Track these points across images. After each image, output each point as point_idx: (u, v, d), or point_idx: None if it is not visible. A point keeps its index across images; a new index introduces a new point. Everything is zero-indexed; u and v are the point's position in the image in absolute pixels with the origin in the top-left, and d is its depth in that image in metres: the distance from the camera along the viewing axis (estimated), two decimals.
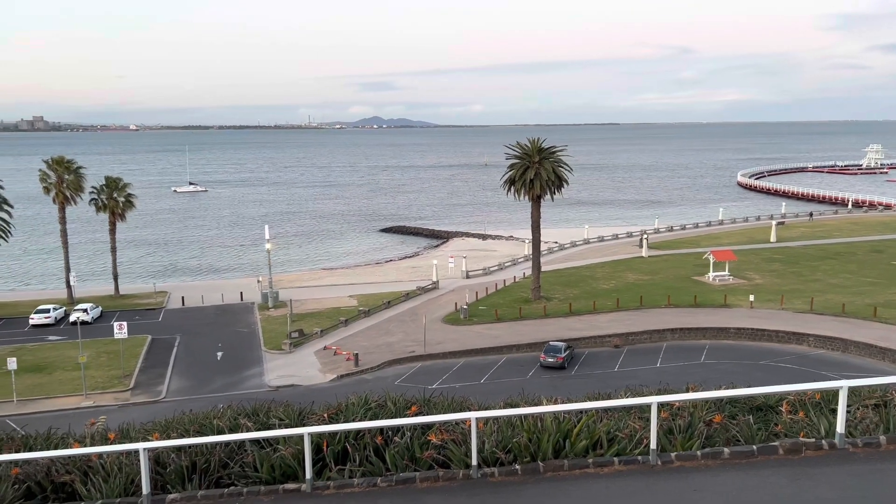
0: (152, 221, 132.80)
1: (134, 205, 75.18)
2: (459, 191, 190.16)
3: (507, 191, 68.48)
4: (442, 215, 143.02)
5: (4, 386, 46.03)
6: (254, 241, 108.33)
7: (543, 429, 10.04)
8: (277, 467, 10.60)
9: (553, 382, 46.04)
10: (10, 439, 13.27)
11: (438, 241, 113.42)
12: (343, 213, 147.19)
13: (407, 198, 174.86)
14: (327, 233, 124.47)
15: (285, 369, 51.47)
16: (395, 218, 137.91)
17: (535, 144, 66.48)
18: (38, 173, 71.99)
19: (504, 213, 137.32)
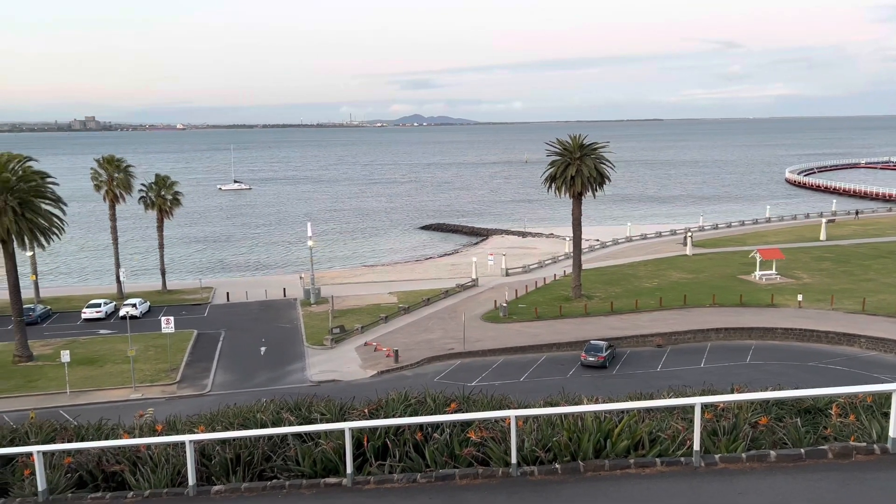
0: (198, 219, 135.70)
1: (181, 202, 76.91)
2: (499, 188, 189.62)
3: (547, 188, 68.04)
4: (482, 213, 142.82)
5: (58, 378, 47.63)
6: (297, 239, 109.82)
7: (584, 428, 9.95)
8: (319, 461, 10.74)
9: (594, 382, 45.60)
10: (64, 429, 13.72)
11: (478, 239, 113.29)
12: (384, 211, 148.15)
13: (447, 195, 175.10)
14: (368, 230, 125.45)
15: (326, 365, 52.08)
16: (436, 215, 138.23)
17: (577, 141, 65.87)
18: (90, 172, 74.23)
19: (544, 211, 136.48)
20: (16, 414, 36.56)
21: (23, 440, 13.06)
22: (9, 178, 50.38)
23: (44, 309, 66.22)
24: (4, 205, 49.30)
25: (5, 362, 51.96)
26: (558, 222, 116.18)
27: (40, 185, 52.97)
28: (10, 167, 51.20)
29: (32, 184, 52.18)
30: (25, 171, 52.23)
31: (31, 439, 13.03)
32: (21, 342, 52.25)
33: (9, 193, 49.81)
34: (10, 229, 49.49)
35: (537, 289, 71.98)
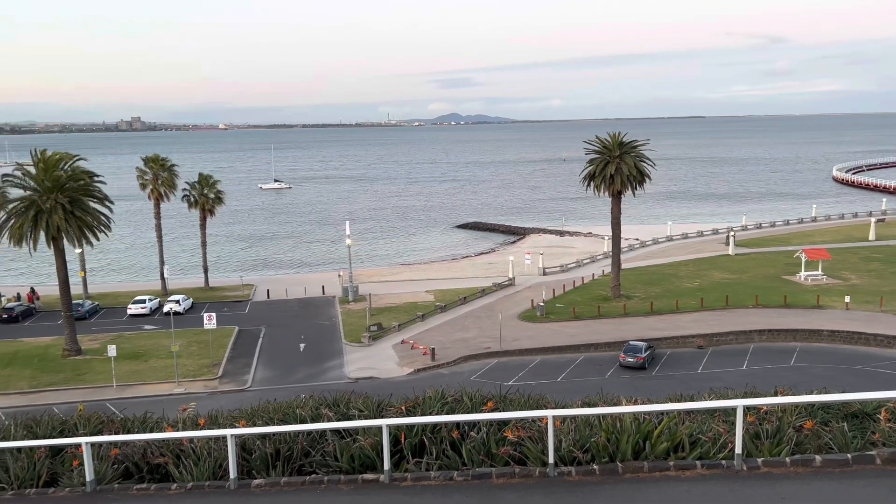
0: (240, 217, 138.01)
1: (223, 201, 78.30)
2: (537, 187, 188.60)
3: (586, 186, 67.43)
4: (519, 211, 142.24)
5: (105, 372, 48.98)
6: (335, 237, 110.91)
7: (623, 429, 9.85)
8: (357, 457, 10.84)
9: (633, 383, 45.08)
10: (111, 421, 14.11)
11: (515, 238, 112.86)
12: (422, 210, 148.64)
13: (485, 194, 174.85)
14: (406, 229, 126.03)
15: (364, 362, 52.52)
16: (473, 214, 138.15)
17: (616, 139, 65.14)
18: (136, 171, 76.09)
19: (583, 209, 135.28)
20: (65, 406, 37.69)
21: (72, 432, 13.46)
22: (59, 176, 51.96)
23: (92, 304, 68.14)
24: (55, 203, 50.86)
25: (55, 356, 53.64)
26: (597, 221, 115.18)
27: (89, 184, 54.48)
28: (60, 166, 52.79)
29: (81, 182, 53.70)
30: (75, 171, 53.79)
31: (80, 431, 13.42)
32: (70, 336, 53.86)
33: (59, 192, 51.37)
34: (60, 227, 51.03)
35: (575, 288, 71.41)
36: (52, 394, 46.51)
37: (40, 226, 50.98)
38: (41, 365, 51.97)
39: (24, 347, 56.31)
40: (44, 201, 50.86)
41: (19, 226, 51.15)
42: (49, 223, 50.77)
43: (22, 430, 13.69)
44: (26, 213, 51.16)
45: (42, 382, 48.71)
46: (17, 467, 12.38)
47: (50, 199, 50.82)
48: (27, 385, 48.30)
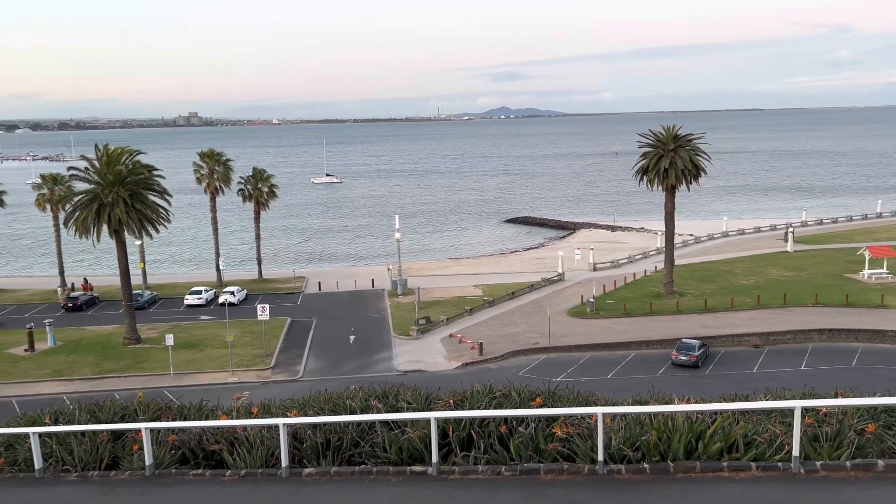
0: (293, 211, 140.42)
1: (276, 195, 79.75)
2: (588, 180, 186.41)
3: (639, 180, 66.30)
4: (569, 206, 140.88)
5: (163, 360, 50.58)
6: (385, 231, 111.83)
7: (674, 428, 9.68)
8: (405, 449, 10.93)
9: (685, 381, 44.22)
10: (168, 408, 14.56)
11: (565, 233, 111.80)
12: (471, 204, 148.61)
13: (534, 188, 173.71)
14: (455, 223, 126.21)
15: (412, 355, 52.88)
16: (522, 208, 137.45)
17: (671, 132, 63.82)
18: (193, 165, 78.16)
19: (635, 204, 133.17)
20: (125, 392, 39.07)
21: (132, 417, 13.94)
22: (121, 170, 53.76)
23: (151, 295, 70.39)
24: (117, 196, 52.65)
25: (116, 344, 55.64)
26: (650, 216, 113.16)
27: (148, 178, 56.20)
28: (121, 161, 54.60)
29: (141, 176, 55.45)
30: (135, 165, 55.57)
31: (140, 417, 13.89)
32: (130, 326, 55.78)
33: (120, 185, 53.15)
34: (121, 219, 52.83)
35: (626, 284, 70.38)
36: (113, 380, 48.26)
37: (103, 218, 52.85)
38: (103, 352, 54.00)
39: (88, 335, 58.59)
40: (106, 195, 52.69)
41: (84, 218, 53.13)
42: (111, 216, 52.59)
43: (86, 414, 14.25)
44: (90, 206, 53.10)
45: (104, 369, 50.59)
46: (80, 450, 12.89)
47: (112, 193, 52.62)
48: (90, 371, 50.25)
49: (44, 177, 75.44)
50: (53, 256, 76.90)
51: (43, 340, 55.39)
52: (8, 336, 57.92)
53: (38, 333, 55.52)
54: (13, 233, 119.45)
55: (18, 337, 56.28)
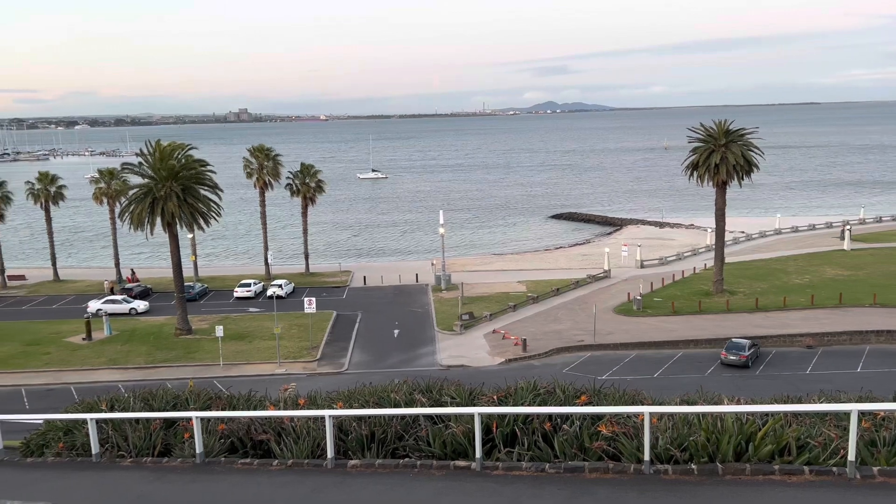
0: (339, 206, 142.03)
1: (323, 190, 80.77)
2: (636, 176, 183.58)
3: (688, 176, 64.97)
4: (615, 201, 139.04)
5: (213, 351, 51.80)
6: (429, 226, 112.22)
7: (724, 429, 9.48)
8: (449, 444, 10.97)
9: (735, 382, 43.24)
10: (218, 398, 14.91)
11: (611, 229, 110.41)
12: (517, 199, 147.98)
13: (580, 183, 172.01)
14: (500, 218, 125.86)
15: (456, 350, 52.98)
16: (568, 204, 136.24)
17: (722, 126, 62.34)
18: (243, 161, 79.69)
19: (684, 200, 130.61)
20: (177, 382, 40.16)
21: (183, 406, 14.32)
22: (173, 165, 55.18)
23: (202, 287, 72.14)
24: (169, 190, 54.07)
25: (168, 335, 57.23)
26: (699, 213, 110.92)
27: (200, 173, 57.53)
28: (174, 156, 56.03)
29: (193, 171, 56.79)
30: (187, 160, 56.94)
31: (191, 406, 14.26)
32: (182, 317, 57.28)
33: (173, 180, 54.56)
34: (174, 213, 54.24)
35: (675, 282, 69.14)
36: (165, 370, 49.66)
37: (156, 212, 54.33)
38: (156, 342, 55.61)
39: (141, 326, 60.41)
40: (159, 189, 54.15)
41: (138, 212, 54.72)
42: (164, 209, 54.03)
43: (140, 402, 14.70)
44: (144, 200, 54.65)
45: (156, 359, 52.10)
46: (135, 437, 13.31)
47: (165, 187, 54.04)
48: (143, 361, 51.80)
49: (101, 171, 78.02)
50: (112, 248, 79.45)
51: (99, 330, 57.34)
52: (67, 325, 60.14)
53: (95, 323, 57.48)
54: (76, 225, 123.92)
55: (76, 326, 58.39)
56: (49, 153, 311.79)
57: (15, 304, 69.82)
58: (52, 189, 77.43)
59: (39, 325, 60.64)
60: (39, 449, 14.98)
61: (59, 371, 49.94)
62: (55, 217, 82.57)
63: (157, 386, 16.29)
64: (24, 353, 53.21)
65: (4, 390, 46.89)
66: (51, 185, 77.40)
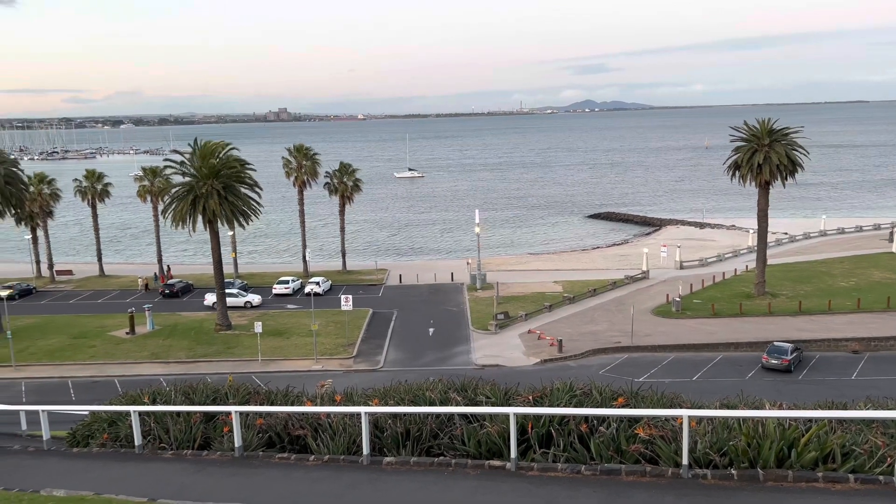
0: (376, 204, 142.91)
1: (360, 188, 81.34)
2: (675, 176, 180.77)
3: (730, 176, 63.76)
4: (655, 201, 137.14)
5: (251, 346, 52.62)
6: (465, 225, 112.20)
7: (765, 435, 9.29)
8: (483, 443, 10.96)
9: (776, 386, 42.32)
10: (256, 393, 15.15)
11: (650, 229, 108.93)
12: (554, 198, 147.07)
13: (619, 183, 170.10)
14: (536, 218, 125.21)
15: (490, 349, 52.87)
16: (607, 203, 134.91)
17: (765, 125, 61.02)
18: (282, 159, 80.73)
19: (725, 201, 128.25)
20: (216, 376, 40.90)
21: (223, 400, 14.58)
22: (214, 164, 56.16)
23: (241, 283, 73.26)
24: (210, 188, 55.05)
25: (208, 330, 58.30)
26: (741, 213, 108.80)
27: (240, 171, 58.42)
28: (215, 154, 57.01)
29: (233, 170, 57.69)
30: (228, 159, 57.89)
31: (230, 400, 14.50)
32: (222, 313, 58.30)
33: (214, 178, 55.53)
34: (215, 211, 55.21)
35: (715, 284, 67.92)
36: (205, 364, 50.58)
37: (198, 209, 55.37)
38: (196, 337, 56.70)
39: (182, 321, 61.67)
40: (200, 187, 55.17)
41: (180, 209, 55.85)
42: (205, 207, 55.04)
43: (181, 396, 15.01)
44: (186, 198, 55.74)
45: (197, 353, 53.11)
46: (176, 430, 13.60)
47: (206, 185, 55.05)
48: (185, 355, 52.87)
49: (144, 169, 79.88)
50: (155, 245, 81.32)
51: (142, 324, 58.71)
52: (111, 319, 61.71)
53: (139, 318, 58.87)
54: (123, 222, 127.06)
55: (121, 320, 59.90)
56: (95, 152, 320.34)
57: (62, 298, 71.92)
58: (98, 187, 79.57)
59: (85, 319, 62.36)
60: (85, 439, 15.42)
61: (103, 364, 51.28)
62: (105, 214, 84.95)
63: (198, 380, 16.60)
64: (71, 346, 54.78)
65: (52, 382, 48.37)
66: (97, 183, 79.54)
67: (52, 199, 77.86)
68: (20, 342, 54.01)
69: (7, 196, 58.23)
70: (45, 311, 65.96)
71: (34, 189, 73.54)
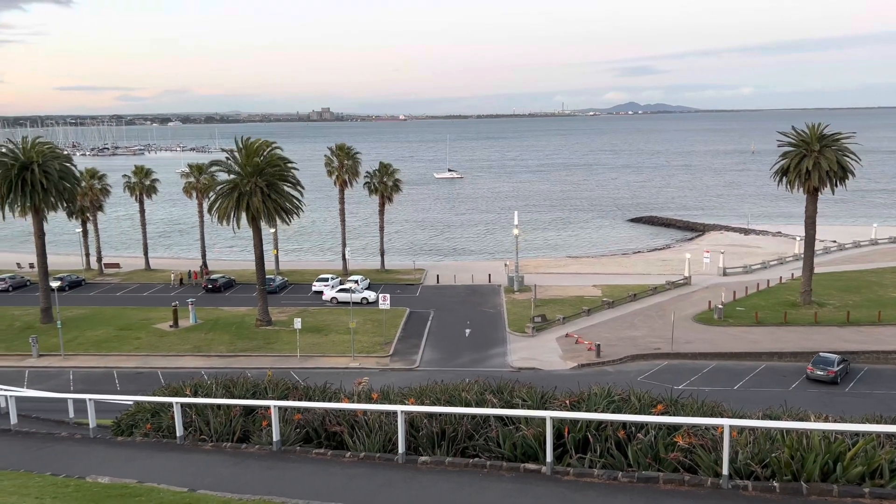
0: (415, 205, 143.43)
1: (400, 188, 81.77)
2: (721, 181, 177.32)
3: (777, 182, 62.27)
4: (699, 206, 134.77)
5: (291, 342, 53.32)
6: (503, 226, 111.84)
7: (810, 447, 9.05)
8: (519, 446, 10.91)
9: (821, 398, 41.18)
10: (295, 388, 15.34)
11: (693, 234, 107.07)
12: (595, 201, 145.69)
13: (665, 187, 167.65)
14: (576, 221, 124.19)
15: (527, 352, 52.61)
16: (652, 205, 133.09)
17: (815, 130, 59.43)
18: (324, 158, 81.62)
19: (772, 207, 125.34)
20: (255, 371, 41.57)
21: (262, 395, 14.81)
22: (258, 162, 57.08)
23: (282, 280, 74.37)
24: (255, 186, 55.97)
25: (249, 325, 59.28)
26: (788, 220, 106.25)
27: (283, 170, 59.26)
28: (260, 153, 57.93)
29: (277, 168, 58.56)
30: (272, 157, 58.78)
31: (269, 395, 14.72)
32: (263, 308, 59.22)
33: (258, 176, 56.44)
34: (258, 208, 56.12)
35: (759, 291, 66.41)
36: (244, 359, 51.46)
37: (242, 206, 56.34)
38: (237, 332, 57.70)
39: (224, 315, 62.83)
40: (245, 184, 56.13)
41: (225, 206, 56.90)
42: (249, 204, 55.98)
43: (221, 389, 15.30)
44: (231, 195, 56.77)
45: (238, 348, 54.06)
46: (216, 422, 13.85)
47: (250, 183, 55.98)
48: (225, 349, 53.85)
49: (190, 166, 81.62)
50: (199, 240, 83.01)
51: (185, 318, 59.99)
52: (156, 312, 63.23)
53: (182, 311, 60.17)
54: (173, 218, 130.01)
55: (164, 313, 61.32)
56: (144, 148, 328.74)
57: (110, 290, 73.96)
58: (146, 182, 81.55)
59: (131, 311, 64.02)
60: (129, 429, 15.82)
61: (147, 355, 52.58)
62: (155, 209, 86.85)
63: (238, 374, 16.89)
64: (117, 338, 56.29)
65: (98, 371, 49.78)
66: (145, 179, 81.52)
67: (102, 194, 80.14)
68: (69, 332, 55.72)
69: (60, 190, 60.06)
70: (94, 302, 67.91)
71: (85, 184, 75.71)
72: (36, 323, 60.11)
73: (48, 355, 52.46)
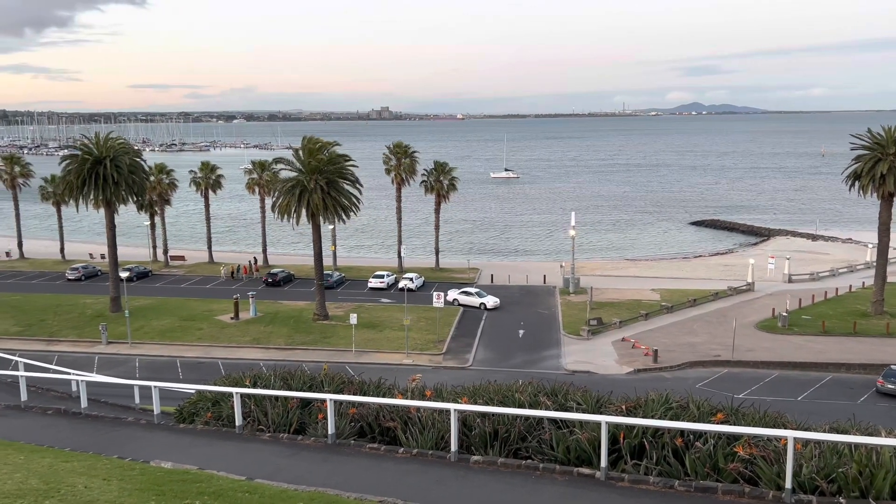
0: (471, 204, 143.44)
1: (456, 187, 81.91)
2: (789, 185, 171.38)
3: (849, 186, 59.79)
4: (764, 209, 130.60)
5: (346, 337, 54.11)
6: (560, 227, 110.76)
7: (880, 464, 8.67)
8: (573, 450, 10.80)
9: (892, 413, 39.35)
10: (350, 383, 15.55)
11: (757, 239, 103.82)
12: (656, 203, 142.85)
13: (728, 190, 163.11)
14: (635, 223, 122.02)
15: (581, 355, 51.98)
16: (712, 210, 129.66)
17: (891, 133, 56.80)
18: (382, 157, 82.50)
19: (842, 212, 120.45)
20: (312, 364, 42.30)
21: (318, 388, 15.07)
22: (320, 160, 58.09)
23: (339, 276, 75.53)
24: (315, 184, 56.99)
25: (307, 319, 60.42)
26: (860, 226, 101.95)
27: (343, 168, 60.18)
28: (321, 151, 58.96)
29: (337, 166, 59.50)
30: (331, 155, 59.75)
31: (325, 388, 14.96)
32: (320, 303, 60.28)
33: (318, 174, 57.45)
34: (318, 205, 57.13)
35: (826, 300, 63.91)
36: (301, 352, 52.47)
37: (302, 203, 57.48)
38: (295, 325, 58.90)
39: (283, 309, 64.22)
40: (307, 181, 57.22)
41: (286, 203, 58.14)
42: (310, 201, 57.05)
43: (279, 381, 15.64)
44: (293, 192, 57.97)
45: (295, 341, 55.17)
46: (274, 413, 14.18)
47: (311, 180, 57.04)
48: (283, 342, 55.04)
49: (253, 163, 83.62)
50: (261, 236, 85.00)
51: (246, 311, 61.59)
52: (217, 304, 65.11)
53: (243, 304, 61.79)
54: (240, 213, 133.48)
55: (226, 305, 63.10)
56: (210, 144, 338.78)
57: (175, 282, 76.54)
58: (211, 178, 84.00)
59: (194, 303, 66.10)
60: (191, 416, 16.34)
61: (209, 346, 54.20)
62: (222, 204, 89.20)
63: (295, 367, 17.23)
64: (180, 328, 58.22)
65: (163, 360, 51.59)
66: (210, 174, 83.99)
67: (169, 188, 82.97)
68: (136, 321, 57.91)
69: (130, 184, 62.43)
70: (159, 293, 70.40)
71: (154, 178, 78.53)
72: (105, 311, 62.70)
73: (116, 342, 54.66)
